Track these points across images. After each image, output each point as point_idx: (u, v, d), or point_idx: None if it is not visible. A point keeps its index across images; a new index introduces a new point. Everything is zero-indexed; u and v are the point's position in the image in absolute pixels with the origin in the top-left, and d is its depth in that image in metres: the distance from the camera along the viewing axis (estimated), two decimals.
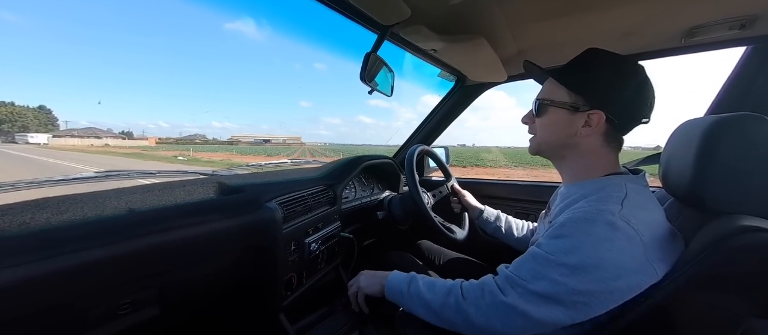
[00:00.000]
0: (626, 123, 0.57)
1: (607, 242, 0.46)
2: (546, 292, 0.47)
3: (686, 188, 0.54)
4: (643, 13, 0.79)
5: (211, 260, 0.63)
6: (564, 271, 0.47)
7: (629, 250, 0.46)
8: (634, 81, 0.55)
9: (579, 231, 0.48)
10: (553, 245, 0.50)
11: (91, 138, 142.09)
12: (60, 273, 0.42)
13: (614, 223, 0.46)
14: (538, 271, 0.49)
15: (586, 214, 0.49)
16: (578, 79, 0.58)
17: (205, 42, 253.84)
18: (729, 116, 0.50)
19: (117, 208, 0.55)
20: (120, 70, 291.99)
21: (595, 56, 0.59)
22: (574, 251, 0.47)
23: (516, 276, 0.52)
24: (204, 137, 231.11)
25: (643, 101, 0.56)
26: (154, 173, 0.91)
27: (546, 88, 0.64)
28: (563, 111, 0.59)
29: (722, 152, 0.49)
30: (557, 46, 0.99)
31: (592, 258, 0.45)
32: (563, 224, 0.50)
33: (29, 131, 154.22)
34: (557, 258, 0.48)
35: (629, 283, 0.46)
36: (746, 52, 0.89)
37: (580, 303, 0.46)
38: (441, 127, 1.51)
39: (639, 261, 0.46)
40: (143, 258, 0.51)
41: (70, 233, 0.45)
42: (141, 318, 0.53)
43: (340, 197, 1.00)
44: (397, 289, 0.63)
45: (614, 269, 0.45)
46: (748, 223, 0.44)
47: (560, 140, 0.61)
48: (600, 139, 0.58)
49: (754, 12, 0.75)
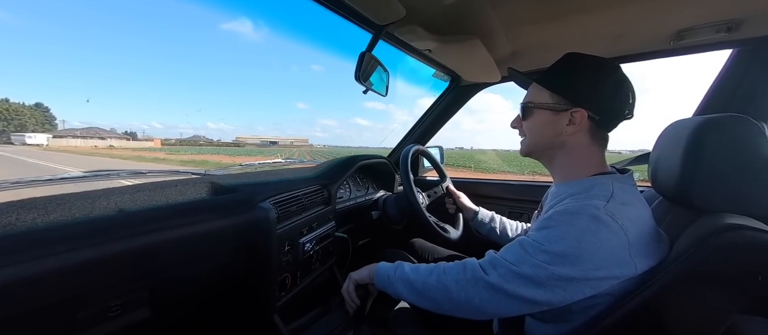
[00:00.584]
0: (609, 119, 0.59)
1: (591, 235, 0.47)
2: (527, 274, 0.49)
3: (674, 187, 0.55)
4: (633, 15, 0.81)
5: (204, 260, 0.62)
6: (547, 258, 0.49)
7: (612, 243, 0.47)
8: (611, 78, 0.58)
9: (564, 222, 0.50)
10: (539, 234, 0.52)
11: (95, 139, 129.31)
12: (47, 275, 0.41)
13: (598, 217, 0.48)
14: (522, 256, 0.51)
15: (572, 207, 0.51)
16: (558, 80, 0.61)
17: (198, 41, 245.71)
18: (714, 116, 0.52)
19: (106, 208, 0.54)
20: (111, 68, 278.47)
21: (573, 58, 0.61)
22: (558, 240, 0.49)
23: (500, 257, 0.54)
24: (206, 138, 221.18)
25: (623, 97, 0.58)
26: (145, 172, 0.89)
27: (530, 92, 0.66)
28: (547, 112, 0.61)
29: (708, 152, 0.50)
30: (550, 47, 1.00)
31: (574, 248, 0.47)
32: (550, 216, 0.52)
33: (27, 130, 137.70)
34: (541, 245, 0.50)
35: (609, 274, 0.48)
36: (732, 55, 0.92)
37: (559, 288, 0.48)
38: (436, 127, 1.52)
39: (621, 256, 0.47)
40: (134, 259, 0.50)
41: (57, 234, 0.44)
42: (132, 320, 0.52)
43: (334, 197, 1.00)
44: (384, 274, 0.65)
45: (596, 260, 0.47)
46: (732, 221, 0.45)
47: (547, 141, 0.63)
48: (585, 136, 0.60)
49: (740, 16, 0.77)
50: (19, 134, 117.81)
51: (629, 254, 0.48)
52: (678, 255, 0.47)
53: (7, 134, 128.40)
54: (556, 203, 0.58)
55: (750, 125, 0.49)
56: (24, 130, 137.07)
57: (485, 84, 1.37)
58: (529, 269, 0.49)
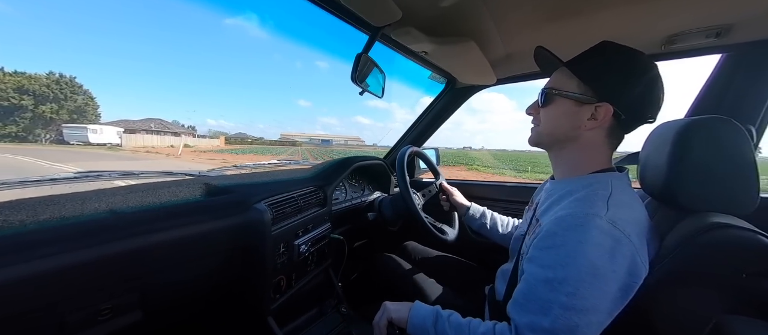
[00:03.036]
0: (633, 120, 0.56)
1: (599, 247, 0.45)
2: (554, 328, 0.46)
3: (661, 187, 0.56)
4: (625, 19, 0.82)
5: (197, 263, 0.61)
6: (567, 290, 0.46)
7: (620, 251, 0.46)
8: (646, 76, 0.54)
9: (570, 241, 0.47)
10: (545, 257, 0.49)
11: (168, 135, 75.64)
12: (36, 277, 0.40)
13: (601, 227, 0.46)
14: (544, 301, 0.48)
15: (575, 219, 0.48)
16: (591, 69, 0.57)
17: (198, 38, 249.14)
18: (700, 118, 0.53)
19: (97, 209, 0.53)
20: (106, 59, 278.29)
21: (609, 48, 0.57)
22: (568, 262, 0.46)
23: (530, 324, 0.49)
24: (251, 136, 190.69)
25: (653, 99, 0.54)
26: (137, 173, 0.88)
27: (555, 78, 0.62)
28: (570, 102, 0.58)
29: (693, 152, 0.51)
30: None
31: (586, 267, 0.45)
32: (555, 233, 0.49)
33: (86, 119, 71.77)
34: (555, 275, 0.47)
35: (625, 286, 0.46)
36: (721, 60, 0.94)
37: (594, 324, 0.46)
38: (432, 128, 1.52)
39: (631, 261, 0.46)
40: (125, 261, 0.49)
41: (47, 235, 0.43)
42: (123, 324, 0.51)
43: (330, 199, 0.99)
44: (421, 325, 0.60)
45: (611, 273, 0.45)
46: (716, 220, 0.46)
47: (563, 132, 0.60)
48: (602, 134, 0.57)
49: (729, 21, 0.79)
50: (76, 127, 56.49)
51: (640, 259, 0.47)
52: (665, 254, 0.48)
53: (57, 125, 64.58)
54: (552, 202, 0.58)
55: (734, 127, 0.50)
56: (83, 119, 71.93)
57: (480, 87, 1.37)
58: (554, 320, 0.46)
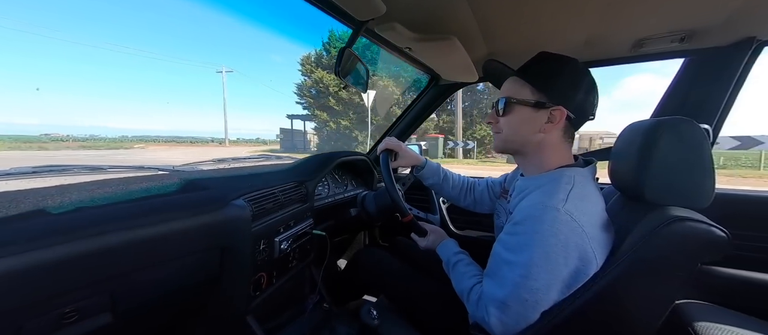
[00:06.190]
0: (581, 118, 0.64)
1: (553, 237, 0.51)
2: (506, 299, 0.55)
3: (629, 183, 0.60)
4: (598, 24, 0.86)
5: (172, 261, 0.59)
6: (521, 272, 0.53)
7: (573, 240, 0.51)
8: (586, 80, 0.62)
9: (529, 230, 0.54)
10: (509, 241, 0.58)
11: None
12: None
13: (557, 218, 0.52)
14: (502, 277, 0.57)
15: (535, 209, 0.55)
16: (542, 78, 0.63)
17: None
18: (665, 119, 0.57)
19: (61, 206, 0.49)
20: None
21: (551, 57, 0.64)
22: (525, 248, 0.54)
23: (491, 293, 0.58)
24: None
25: (593, 99, 0.63)
26: (106, 168, 0.83)
27: (509, 87, 0.67)
28: (528, 108, 0.63)
29: (659, 151, 0.55)
30: (523, 51, 1.04)
31: (539, 253, 0.52)
32: (518, 221, 0.57)
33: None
34: (513, 258, 0.55)
35: (576, 270, 0.52)
36: (685, 63, 1.01)
37: (533, 301, 0.53)
38: (415, 123, 1.54)
39: (582, 250, 0.52)
40: (91, 261, 0.46)
41: (2, 235, 0.40)
42: (90, 327, 0.49)
43: (312, 194, 0.98)
44: (445, 258, 0.77)
45: (562, 259, 0.51)
46: (677, 213, 0.50)
47: (525, 136, 0.65)
48: (559, 134, 0.64)
49: (692, 27, 0.84)
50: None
51: (591, 248, 0.52)
52: (630, 246, 0.51)
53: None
54: (523, 196, 0.63)
55: (695, 127, 0.55)
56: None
57: (463, 84, 1.40)
58: (505, 295, 0.55)
